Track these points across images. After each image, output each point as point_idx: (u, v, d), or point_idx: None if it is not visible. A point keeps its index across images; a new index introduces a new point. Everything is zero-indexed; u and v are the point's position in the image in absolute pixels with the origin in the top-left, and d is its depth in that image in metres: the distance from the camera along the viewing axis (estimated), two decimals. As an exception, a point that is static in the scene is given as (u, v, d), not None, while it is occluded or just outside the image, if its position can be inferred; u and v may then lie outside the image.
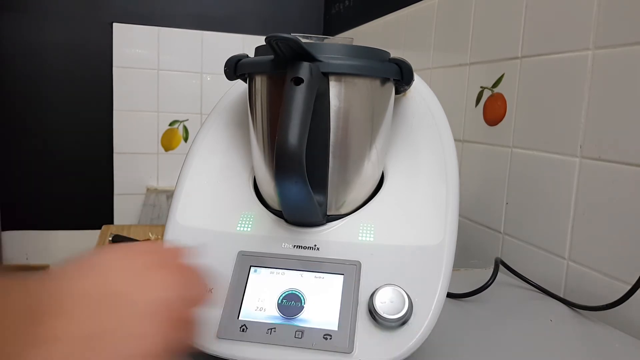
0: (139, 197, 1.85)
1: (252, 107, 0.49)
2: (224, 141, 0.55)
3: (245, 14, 1.89)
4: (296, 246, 0.47)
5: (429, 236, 0.46)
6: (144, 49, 1.79)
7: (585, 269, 0.68)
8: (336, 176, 0.48)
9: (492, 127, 0.89)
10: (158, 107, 1.83)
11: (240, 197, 0.51)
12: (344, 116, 0.46)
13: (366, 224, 0.48)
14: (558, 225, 0.73)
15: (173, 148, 1.87)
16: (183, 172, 0.53)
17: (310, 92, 0.41)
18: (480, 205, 0.92)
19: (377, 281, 0.44)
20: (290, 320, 0.43)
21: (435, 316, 0.43)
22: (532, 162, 0.79)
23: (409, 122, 0.53)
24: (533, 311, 0.63)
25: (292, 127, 0.39)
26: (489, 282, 0.65)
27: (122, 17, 1.76)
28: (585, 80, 0.69)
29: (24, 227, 1.77)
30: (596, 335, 0.57)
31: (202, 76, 1.86)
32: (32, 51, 1.70)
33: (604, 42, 0.66)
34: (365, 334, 0.42)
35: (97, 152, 1.80)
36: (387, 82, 0.48)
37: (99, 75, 1.77)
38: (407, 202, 0.49)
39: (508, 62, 0.85)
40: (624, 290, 0.59)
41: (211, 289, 0.43)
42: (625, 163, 0.63)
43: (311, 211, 0.46)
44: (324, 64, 0.43)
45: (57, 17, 1.71)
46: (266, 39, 0.40)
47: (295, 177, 0.41)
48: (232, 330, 0.43)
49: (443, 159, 0.50)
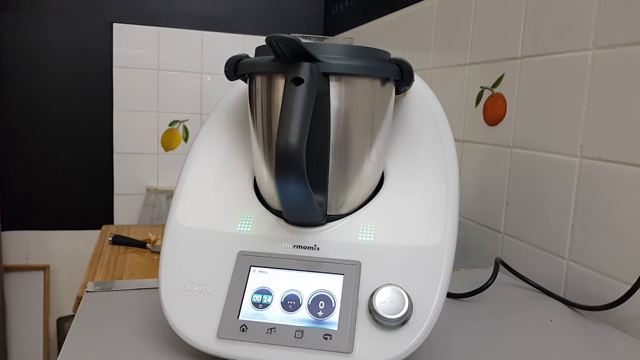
0: (139, 197, 1.85)
1: (253, 108, 0.49)
2: (224, 141, 0.55)
3: (245, 14, 1.89)
4: (296, 246, 0.47)
5: (429, 236, 0.46)
6: (144, 49, 1.79)
7: (585, 269, 0.68)
8: (336, 176, 0.48)
9: (492, 127, 0.89)
10: (158, 107, 1.83)
11: (240, 197, 0.51)
12: (344, 116, 0.46)
13: (366, 224, 0.48)
14: (558, 225, 0.73)
15: (173, 148, 1.87)
16: (183, 172, 0.53)
17: (310, 92, 0.41)
18: (480, 205, 0.92)
19: (377, 281, 0.44)
20: (290, 320, 0.43)
21: (435, 316, 0.43)
22: (532, 162, 0.79)
23: (409, 122, 0.53)
24: (533, 311, 0.63)
25: (292, 128, 0.39)
26: (489, 282, 0.65)
27: (122, 17, 1.77)
28: (585, 80, 0.69)
29: (24, 227, 1.77)
30: (596, 335, 0.57)
31: (202, 76, 1.86)
32: (32, 51, 1.70)
33: (604, 42, 0.66)
34: (365, 334, 0.42)
35: (97, 152, 1.80)
36: (387, 83, 0.48)
37: (99, 75, 1.77)
38: (407, 202, 0.49)
39: (508, 62, 0.85)
40: (624, 290, 0.59)
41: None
42: (625, 163, 0.63)
43: (311, 211, 0.46)
44: (324, 64, 0.43)
45: (57, 17, 1.71)
46: (266, 39, 0.40)
47: (295, 177, 0.41)
48: (232, 330, 0.43)
49: (443, 159, 0.50)
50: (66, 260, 1.81)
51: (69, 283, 1.82)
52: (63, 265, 1.81)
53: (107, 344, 0.48)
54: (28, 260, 1.78)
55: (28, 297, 1.76)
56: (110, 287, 0.62)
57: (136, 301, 0.58)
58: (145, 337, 0.49)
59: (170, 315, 0.46)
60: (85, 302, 0.57)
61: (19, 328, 1.75)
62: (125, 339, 0.49)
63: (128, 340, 0.49)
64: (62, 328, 1.75)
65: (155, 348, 0.47)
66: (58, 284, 1.81)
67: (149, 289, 0.61)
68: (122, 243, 1.31)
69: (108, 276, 1.10)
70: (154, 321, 0.53)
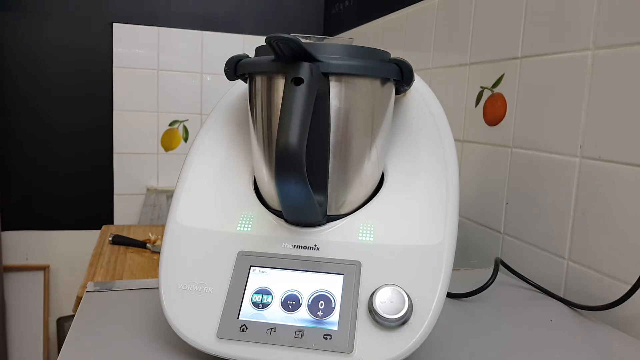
0: (139, 197, 1.85)
1: (253, 108, 0.49)
2: (224, 141, 0.55)
3: (245, 14, 1.89)
4: (296, 246, 0.47)
5: (429, 236, 0.46)
6: (144, 49, 1.79)
7: (585, 269, 0.68)
8: (336, 176, 0.48)
9: (492, 127, 0.89)
10: (158, 107, 1.83)
11: (240, 197, 0.51)
12: (344, 116, 0.46)
13: (366, 224, 0.48)
14: (558, 225, 0.73)
15: (173, 148, 1.87)
16: (183, 172, 0.53)
17: (310, 92, 0.41)
18: (480, 205, 0.92)
19: (377, 281, 0.44)
20: (290, 320, 0.43)
21: (435, 316, 0.43)
22: (532, 162, 0.79)
23: (409, 122, 0.53)
24: (533, 311, 0.63)
25: (292, 128, 0.39)
26: (489, 282, 0.65)
27: (122, 17, 1.77)
28: (585, 80, 0.69)
29: (24, 227, 1.77)
30: (596, 335, 0.57)
31: (202, 76, 1.86)
32: (32, 51, 1.70)
33: (604, 42, 0.66)
34: (365, 334, 0.42)
35: (97, 152, 1.80)
36: (387, 83, 0.48)
37: (99, 75, 1.77)
38: (407, 202, 0.49)
39: (508, 62, 0.85)
40: (624, 290, 0.59)
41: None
42: (625, 163, 0.63)
43: (311, 211, 0.46)
44: (324, 64, 0.43)
45: (57, 17, 1.71)
46: (266, 39, 0.40)
47: (295, 177, 0.41)
48: (232, 330, 0.43)
49: (443, 159, 0.50)
50: (66, 260, 1.81)
51: (69, 283, 1.82)
52: (63, 265, 1.81)
53: (107, 344, 0.48)
54: (28, 260, 1.78)
55: (28, 297, 1.76)
56: (110, 287, 0.62)
57: (136, 301, 0.58)
58: (145, 337, 0.49)
59: (170, 315, 0.46)
60: (85, 302, 0.57)
61: (19, 328, 1.75)
62: (125, 339, 0.49)
63: (128, 340, 0.49)
64: (62, 328, 1.75)
65: (155, 348, 0.47)
66: (58, 284, 1.81)
67: (149, 289, 0.61)
68: (122, 243, 1.31)
69: (108, 276, 1.10)
70: (154, 321, 0.53)
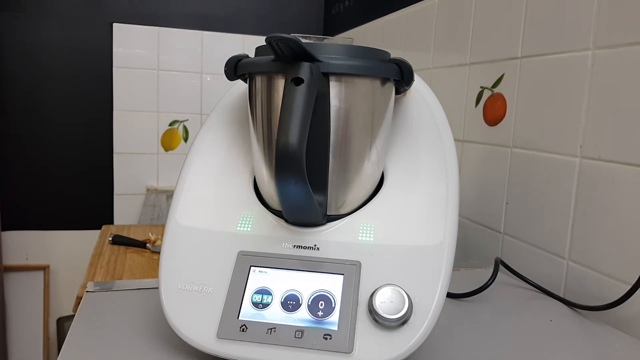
0: (139, 197, 1.85)
1: (253, 108, 0.49)
2: (224, 141, 0.55)
3: (245, 14, 1.89)
4: (296, 246, 0.47)
5: (429, 236, 0.46)
6: (144, 49, 1.79)
7: (585, 269, 0.68)
8: (336, 176, 0.48)
9: (492, 127, 0.89)
10: (158, 107, 1.83)
11: (240, 197, 0.51)
12: (344, 116, 0.46)
13: (366, 224, 0.48)
14: (558, 225, 0.73)
15: (173, 148, 1.87)
16: (183, 172, 0.53)
17: (310, 92, 0.41)
18: (480, 205, 0.92)
19: (377, 281, 0.44)
20: (290, 320, 0.43)
21: (435, 316, 0.43)
22: (532, 162, 0.79)
23: (409, 122, 0.53)
24: (533, 311, 0.63)
25: (292, 128, 0.39)
26: (489, 282, 0.65)
27: (122, 17, 1.77)
28: (585, 80, 0.69)
29: (24, 227, 1.77)
30: (596, 335, 0.57)
31: (202, 76, 1.86)
32: (32, 51, 1.70)
33: (604, 42, 0.66)
34: (365, 334, 0.42)
35: (97, 152, 1.80)
36: (387, 83, 0.48)
37: (99, 75, 1.77)
38: (407, 202, 0.49)
39: (508, 62, 0.85)
40: (624, 290, 0.59)
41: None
42: (625, 163, 0.63)
43: (311, 211, 0.46)
44: (324, 64, 0.43)
45: (57, 17, 1.71)
46: (266, 39, 0.40)
47: (295, 177, 0.41)
48: (232, 330, 0.43)
49: (443, 159, 0.50)
50: (66, 260, 1.81)
51: (69, 283, 1.82)
52: (63, 265, 1.81)
53: (107, 344, 0.48)
54: (28, 260, 1.78)
55: (28, 297, 1.76)
56: (110, 287, 0.62)
57: (136, 301, 0.58)
58: (145, 337, 0.49)
59: (170, 315, 0.46)
60: (85, 302, 0.57)
61: (19, 328, 1.75)
62: (125, 339, 0.49)
63: (128, 340, 0.49)
64: (62, 328, 1.75)
65: (155, 348, 0.47)
66: (58, 284, 1.81)
67: (149, 289, 0.61)
68: (122, 243, 1.31)
69: (108, 276, 1.10)
70: (154, 321, 0.53)
